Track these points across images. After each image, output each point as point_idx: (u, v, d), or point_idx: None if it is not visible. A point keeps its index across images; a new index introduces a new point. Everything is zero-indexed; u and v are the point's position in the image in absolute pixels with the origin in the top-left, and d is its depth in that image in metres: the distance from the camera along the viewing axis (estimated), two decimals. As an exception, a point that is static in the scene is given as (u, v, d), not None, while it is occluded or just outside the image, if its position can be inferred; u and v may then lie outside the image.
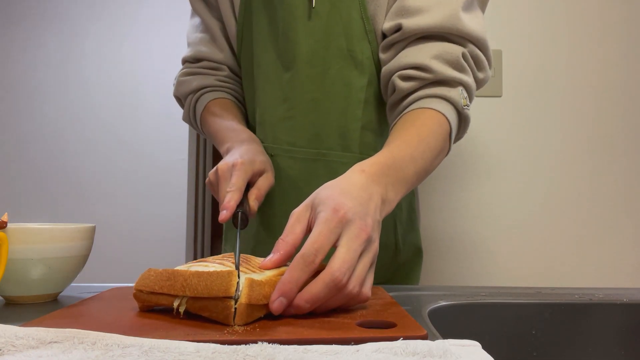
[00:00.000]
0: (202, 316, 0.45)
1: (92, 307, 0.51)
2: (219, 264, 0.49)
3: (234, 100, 0.91)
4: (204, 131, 0.87)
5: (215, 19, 0.88)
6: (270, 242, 0.52)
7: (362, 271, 0.48)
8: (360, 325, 0.44)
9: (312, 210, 0.51)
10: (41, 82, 2.13)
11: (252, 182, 0.71)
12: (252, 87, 0.85)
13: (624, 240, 1.23)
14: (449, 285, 0.83)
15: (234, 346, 0.36)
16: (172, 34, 2.06)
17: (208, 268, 0.47)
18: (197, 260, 0.51)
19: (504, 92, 1.25)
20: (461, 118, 0.73)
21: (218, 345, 0.36)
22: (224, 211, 0.63)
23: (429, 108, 0.69)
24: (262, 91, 0.83)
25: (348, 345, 0.37)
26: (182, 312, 0.46)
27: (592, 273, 1.22)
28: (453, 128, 0.70)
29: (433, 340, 0.38)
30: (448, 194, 1.25)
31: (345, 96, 0.79)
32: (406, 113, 0.70)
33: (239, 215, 0.64)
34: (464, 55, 0.72)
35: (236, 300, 0.43)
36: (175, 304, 0.46)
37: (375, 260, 0.51)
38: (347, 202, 0.50)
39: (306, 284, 0.46)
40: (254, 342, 0.37)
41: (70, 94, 2.12)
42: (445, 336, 0.41)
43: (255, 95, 0.84)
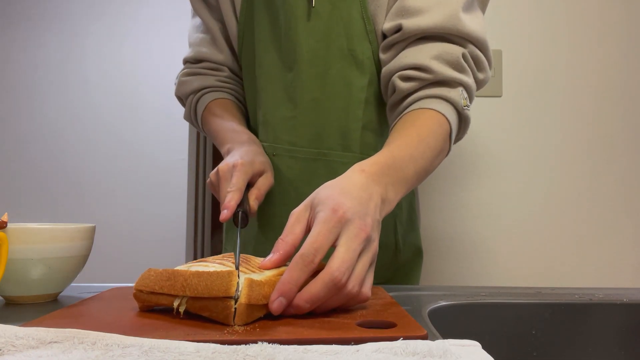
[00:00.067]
0: (202, 316, 0.45)
1: (92, 307, 0.51)
2: (219, 264, 0.49)
3: (235, 101, 0.91)
4: (205, 130, 0.89)
5: (216, 20, 0.88)
6: (271, 241, 0.52)
7: (362, 271, 0.48)
8: (360, 325, 0.44)
9: (311, 210, 0.51)
10: (41, 82, 2.13)
11: (252, 182, 0.72)
12: (254, 87, 0.85)
13: (624, 240, 1.23)
14: (449, 285, 0.83)
15: (234, 346, 0.36)
16: (172, 34, 2.06)
17: (208, 268, 0.47)
18: (197, 260, 0.51)
19: (504, 92, 1.25)
20: (461, 118, 0.73)
21: (218, 345, 0.36)
22: (225, 211, 0.64)
23: (429, 108, 0.69)
24: (264, 91, 0.83)
25: (348, 345, 0.37)
26: (182, 312, 0.46)
27: (592, 273, 1.22)
28: (453, 128, 0.70)
29: (433, 340, 0.38)
30: (448, 194, 1.25)
31: (346, 96, 0.79)
32: (406, 113, 0.70)
33: (239, 214, 0.65)
34: (464, 55, 0.72)
35: (236, 300, 0.43)
36: (175, 304, 0.46)
37: (375, 260, 0.51)
38: (347, 201, 0.50)
39: (306, 284, 0.46)
40: (254, 342, 0.37)
41: (70, 94, 2.12)
42: (445, 336, 0.41)
43: (258, 95, 0.84)
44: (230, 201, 0.65)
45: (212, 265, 0.48)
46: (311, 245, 0.47)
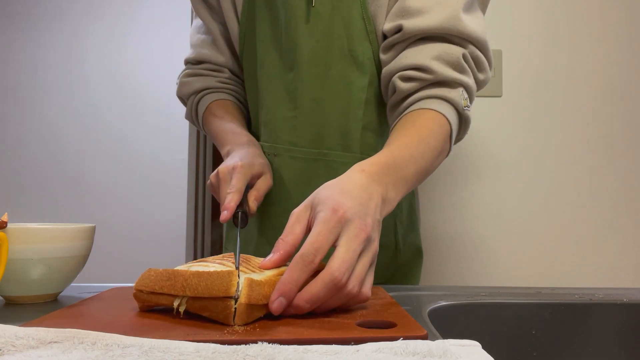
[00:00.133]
0: (202, 316, 0.45)
1: (92, 307, 0.51)
2: (219, 264, 0.49)
3: (235, 101, 0.92)
4: (206, 131, 0.90)
5: (217, 22, 0.89)
6: (271, 241, 0.52)
7: (362, 271, 0.48)
8: (360, 325, 0.44)
9: (311, 210, 0.51)
10: (41, 82, 2.13)
11: (252, 183, 0.74)
12: (256, 88, 0.85)
13: (624, 240, 1.23)
14: (449, 285, 0.83)
15: (234, 346, 0.36)
16: (172, 34, 2.06)
17: (208, 268, 0.47)
18: (197, 260, 0.51)
19: (504, 92, 1.25)
20: (462, 119, 0.73)
21: (218, 345, 0.36)
22: (225, 211, 0.66)
23: (429, 109, 0.69)
24: (266, 92, 0.83)
25: (348, 345, 0.37)
26: (182, 312, 0.46)
27: (592, 273, 1.22)
28: (453, 129, 0.70)
29: (433, 340, 0.38)
30: (448, 194, 1.25)
31: (346, 96, 0.79)
32: (406, 114, 0.70)
33: (239, 215, 0.67)
34: (464, 56, 0.72)
35: (236, 300, 0.43)
36: (175, 303, 0.46)
37: (375, 260, 0.51)
38: (347, 201, 0.50)
39: (306, 284, 0.46)
40: (254, 342, 0.37)
41: (70, 94, 2.12)
42: (445, 336, 0.41)
43: (260, 95, 0.85)
44: (230, 202, 0.66)
45: (212, 265, 0.48)
46: (311, 245, 0.47)
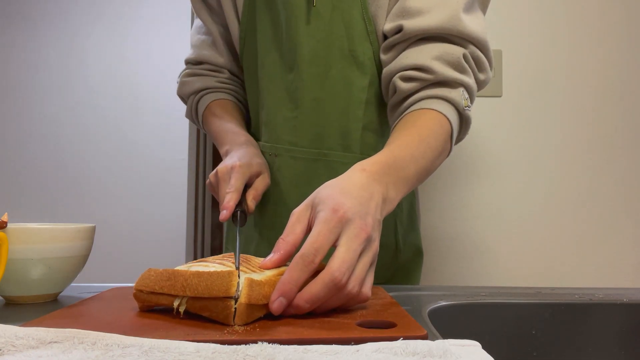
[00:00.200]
0: (202, 316, 0.45)
1: (92, 307, 0.51)
2: (219, 264, 0.49)
3: (234, 101, 0.93)
4: (205, 130, 0.91)
5: (217, 24, 0.90)
6: (272, 241, 0.52)
7: (362, 271, 0.48)
8: (360, 325, 0.44)
9: (312, 209, 0.51)
10: (41, 82, 2.13)
11: (250, 183, 0.75)
12: (256, 88, 0.86)
13: (624, 240, 1.23)
14: (449, 285, 0.83)
15: (234, 346, 0.36)
16: (172, 34, 2.06)
17: (208, 268, 0.47)
18: (197, 260, 0.51)
19: (504, 92, 1.25)
20: (462, 119, 0.72)
21: (218, 345, 0.36)
22: (224, 211, 0.67)
23: (430, 109, 0.69)
24: (266, 92, 0.83)
25: (348, 345, 0.37)
26: (182, 312, 0.46)
27: (592, 273, 1.22)
28: (454, 129, 0.70)
29: (433, 340, 0.38)
30: (448, 194, 1.25)
31: (346, 96, 0.79)
32: (407, 114, 0.70)
33: (238, 214, 0.69)
34: (464, 56, 0.72)
35: (236, 300, 0.43)
36: (176, 304, 0.46)
37: (375, 260, 0.51)
38: (347, 201, 0.50)
39: (306, 284, 0.46)
40: (254, 342, 0.37)
41: (70, 94, 2.12)
42: (445, 336, 0.41)
43: (260, 96, 0.85)
44: (229, 202, 0.68)
45: (212, 265, 0.48)
46: (311, 245, 0.47)
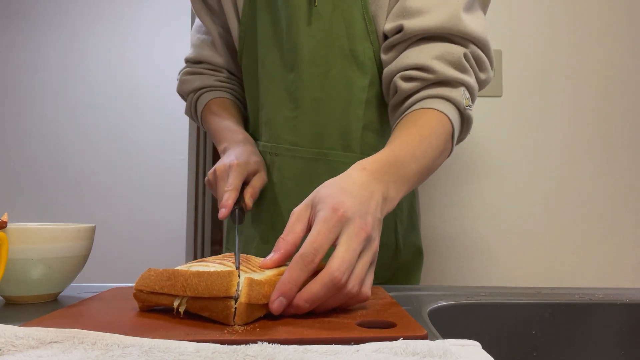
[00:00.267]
0: (202, 316, 0.45)
1: (92, 307, 0.51)
2: (219, 264, 0.49)
3: (233, 99, 0.94)
4: (204, 127, 0.93)
5: (216, 25, 0.90)
6: (272, 240, 0.52)
7: (362, 270, 0.48)
8: (360, 325, 0.44)
9: (312, 208, 0.51)
10: (41, 82, 2.13)
11: (247, 181, 0.77)
12: (256, 88, 0.86)
13: (624, 240, 1.23)
14: (449, 285, 0.83)
15: (234, 346, 0.36)
16: (172, 34, 2.06)
17: (208, 268, 0.47)
18: (197, 260, 0.51)
19: (504, 92, 1.25)
20: (463, 118, 0.72)
21: (218, 345, 0.36)
22: (223, 209, 0.70)
23: (431, 108, 0.69)
24: (267, 92, 0.83)
25: (348, 345, 0.37)
26: (182, 312, 0.46)
27: (592, 273, 1.22)
28: (455, 128, 0.70)
29: (433, 340, 0.38)
30: (449, 194, 1.25)
31: (346, 96, 0.79)
32: (408, 113, 0.70)
33: (237, 212, 0.71)
34: (465, 55, 0.71)
35: (236, 300, 0.43)
36: (176, 303, 0.46)
37: (375, 259, 0.51)
38: (347, 200, 0.50)
39: (306, 284, 0.46)
40: (254, 342, 0.37)
41: (70, 94, 2.12)
42: (445, 336, 0.41)
43: (260, 95, 0.85)
44: (227, 200, 0.70)
45: (212, 265, 0.48)
46: (311, 244, 0.47)
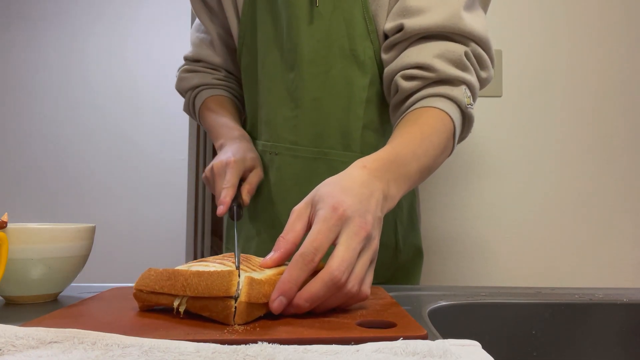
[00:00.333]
0: (202, 316, 0.45)
1: (92, 307, 0.51)
2: (219, 263, 0.49)
3: (230, 97, 0.96)
4: (202, 124, 0.94)
5: (216, 25, 0.91)
6: (272, 240, 0.52)
7: (362, 270, 0.48)
8: (360, 325, 0.44)
9: (312, 207, 0.51)
10: (41, 82, 2.13)
11: (244, 177, 0.78)
12: (255, 87, 0.86)
13: (624, 240, 1.23)
14: (449, 285, 0.83)
15: (234, 346, 0.36)
16: (172, 34, 2.06)
17: (208, 268, 0.47)
18: (197, 260, 0.51)
19: (504, 92, 1.25)
20: (465, 117, 0.72)
21: (218, 345, 0.36)
22: (221, 206, 0.72)
23: (432, 107, 0.69)
24: (266, 91, 0.84)
25: (348, 345, 0.37)
26: (182, 312, 0.46)
27: (592, 273, 1.22)
28: (457, 127, 0.70)
29: (433, 340, 0.38)
30: (449, 194, 1.25)
31: (347, 96, 0.79)
32: (409, 112, 0.70)
33: (235, 209, 0.73)
34: (466, 54, 0.71)
35: (236, 299, 0.43)
36: (176, 303, 0.46)
37: (375, 258, 0.51)
38: (347, 199, 0.50)
39: (306, 283, 0.46)
40: (254, 341, 0.37)
41: (70, 95, 2.12)
42: (445, 336, 0.41)
43: (259, 95, 0.85)
44: (225, 197, 0.72)
45: (212, 265, 0.48)
46: (311, 244, 0.47)
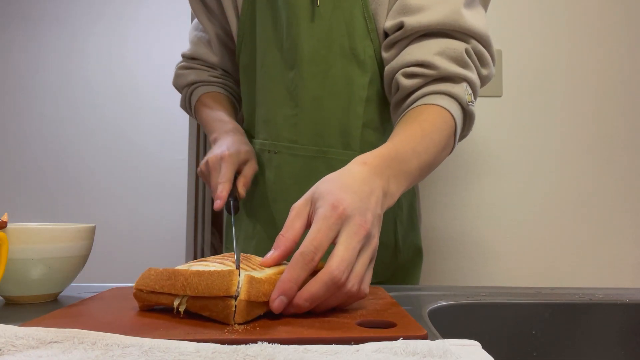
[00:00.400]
0: (203, 315, 0.45)
1: (92, 307, 0.51)
2: (219, 263, 0.49)
3: (225, 93, 0.97)
4: (197, 119, 0.96)
5: (214, 25, 0.92)
6: (272, 238, 0.52)
7: (361, 269, 0.48)
8: (360, 325, 0.44)
9: (312, 204, 0.51)
10: (41, 82, 2.13)
11: (239, 170, 0.79)
12: (253, 86, 0.86)
13: (624, 240, 1.23)
14: (449, 285, 0.83)
15: (234, 346, 0.36)
16: (172, 34, 2.06)
17: (208, 267, 0.47)
18: (197, 260, 0.51)
19: (504, 92, 1.25)
20: (466, 114, 0.72)
21: (218, 345, 0.36)
22: (218, 201, 0.73)
23: (433, 104, 0.68)
24: (266, 90, 0.84)
25: (348, 345, 0.37)
26: (182, 312, 0.46)
27: (592, 273, 1.22)
28: (458, 124, 0.69)
29: (433, 340, 0.38)
30: (449, 194, 1.25)
31: (347, 94, 0.79)
32: (410, 110, 0.70)
33: (231, 203, 0.74)
34: (467, 51, 0.71)
35: (236, 298, 0.43)
36: (176, 303, 0.46)
37: (374, 256, 0.51)
38: (347, 197, 0.49)
39: (306, 282, 0.46)
40: (254, 341, 0.37)
41: (70, 95, 2.12)
42: (445, 336, 0.41)
43: (257, 94, 0.85)
44: (222, 192, 0.73)
45: (212, 264, 0.48)
46: (311, 243, 0.47)
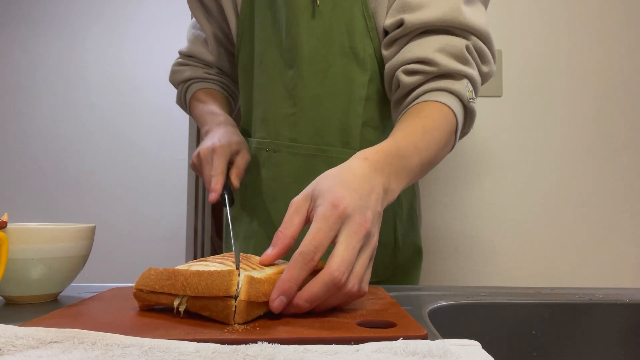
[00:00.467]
0: (202, 315, 0.45)
1: (92, 307, 0.51)
2: (219, 263, 0.49)
3: (220, 90, 0.98)
4: (192, 115, 0.97)
5: (211, 25, 0.92)
6: (271, 236, 0.51)
7: (361, 268, 0.48)
8: (360, 325, 0.44)
9: (311, 201, 0.51)
10: (41, 82, 2.13)
11: (231, 161, 0.80)
12: (251, 85, 0.86)
13: (624, 240, 1.23)
14: (449, 285, 0.83)
15: (234, 346, 0.36)
16: (172, 34, 2.06)
17: (208, 267, 0.47)
18: (197, 260, 0.51)
19: (504, 92, 1.25)
20: (467, 111, 0.71)
21: (218, 345, 0.36)
22: (213, 193, 0.74)
23: (434, 101, 0.68)
24: (265, 89, 0.84)
25: (348, 345, 0.37)
26: (182, 312, 0.46)
27: (592, 273, 1.22)
28: (459, 121, 0.69)
29: (433, 340, 0.38)
30: (449, 194, 1.25)
31: (346, 93, 0.79)
32: (411, 107, 0.70)
33: (225, 194, 0.75)
34: (467, 48, 0.71)
35: (236, 298, 0.43)
36: (176, 303, 0.46)
37: (374, 254, 0.51)
38: (347, 195, 0.49)
39: (305, 282, 0.46)
40: (254, 341, 0.37)
41: (70, 94, 2.12)
42: (445, 336, 0.41)
43: (255, 92, 0.86)
44: (216, 184, 0.74)
45: (212, 264, 0.48)
46: (310, 242, 0.46)
